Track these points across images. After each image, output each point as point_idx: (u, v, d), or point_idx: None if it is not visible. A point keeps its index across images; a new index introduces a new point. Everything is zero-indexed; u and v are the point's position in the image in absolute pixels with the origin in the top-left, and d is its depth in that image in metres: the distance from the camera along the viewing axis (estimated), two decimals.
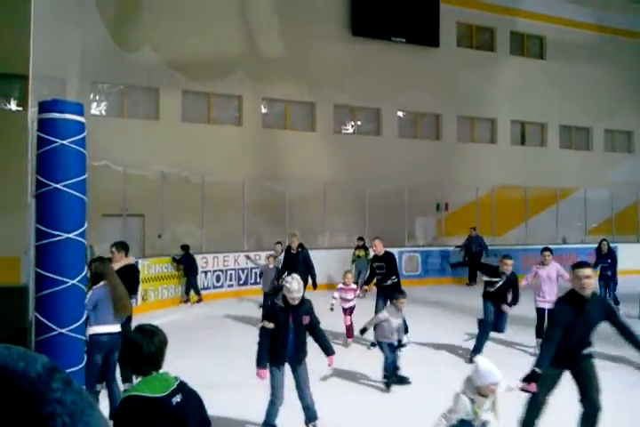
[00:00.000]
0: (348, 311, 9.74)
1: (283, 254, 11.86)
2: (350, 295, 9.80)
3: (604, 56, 24.53)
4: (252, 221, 16.28)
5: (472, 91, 22.19)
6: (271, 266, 11.56)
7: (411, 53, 21.52)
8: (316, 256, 16.35)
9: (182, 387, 2.64)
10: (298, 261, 10.74)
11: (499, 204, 19.47)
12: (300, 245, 11.14)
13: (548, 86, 23.44)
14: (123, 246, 7.18)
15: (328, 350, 5.68)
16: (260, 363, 5.41)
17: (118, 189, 13.98)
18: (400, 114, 22.49)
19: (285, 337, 5.40)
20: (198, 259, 14.24)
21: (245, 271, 15.22)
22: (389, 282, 9.41)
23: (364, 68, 20.59)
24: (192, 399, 2.64)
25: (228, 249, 15.15)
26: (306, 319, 5.53)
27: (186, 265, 13.83)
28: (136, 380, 2.67)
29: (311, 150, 19.74)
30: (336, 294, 9.70)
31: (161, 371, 2.64)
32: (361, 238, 16.09)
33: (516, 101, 23.07)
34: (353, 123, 22.08)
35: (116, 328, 5.56)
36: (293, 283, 5.40)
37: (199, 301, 13.75)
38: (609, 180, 23.20)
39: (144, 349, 2.58)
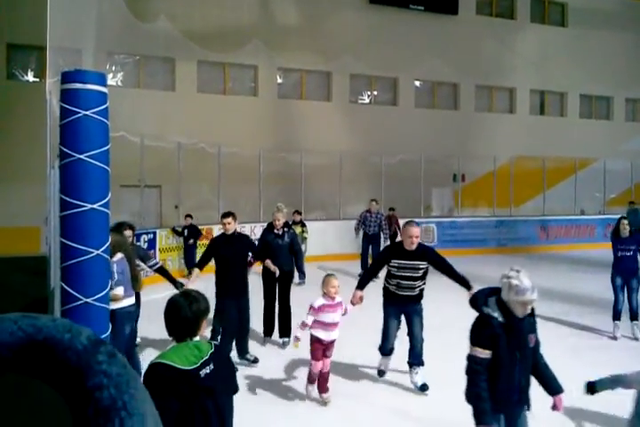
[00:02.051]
0: (328, 348, 5.60)
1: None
2: (333, 317, 5.53)
3: (626, 24, 23.89)
4: (268, 191, 16.31)
5: (491, 59, 21.80)
6: None
7: (429, 21, 21.12)
8: (330, 227, 16.56)
9: (216, 356, 2.63)
10: (281, 246, 7.89)
11: (516, 175, 19.30)
12: (286, 224, 8.25)
13: (569, 55, 22.95)
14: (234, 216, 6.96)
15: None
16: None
17: (135, 161, 14.05)
18: (417, 83, 22.21)
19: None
20: (215, 229, 14.34)
21: None
22: (417, 291, 6.00)
23: (381, 36, 20.27)
24: (223, 368, 2.64)
25: (245, 220, 15.23)
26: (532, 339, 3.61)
27: (190, 234, 13.19)
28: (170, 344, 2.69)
29: (327, 121, 19.61)
30: (310, 318, 5.51)
31: (196, 339, 2.65)
32: (298, 212, 13.34)
33: (536, 70, 22.63)
34: (369, 93, 21.85)
35: (134, 299, 5.68)
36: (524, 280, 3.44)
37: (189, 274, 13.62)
38: (629, 150, 22.84)
39: (181, 312, 2.60)
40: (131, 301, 5.54)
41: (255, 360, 6.74)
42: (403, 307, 5.97)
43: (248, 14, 18.60)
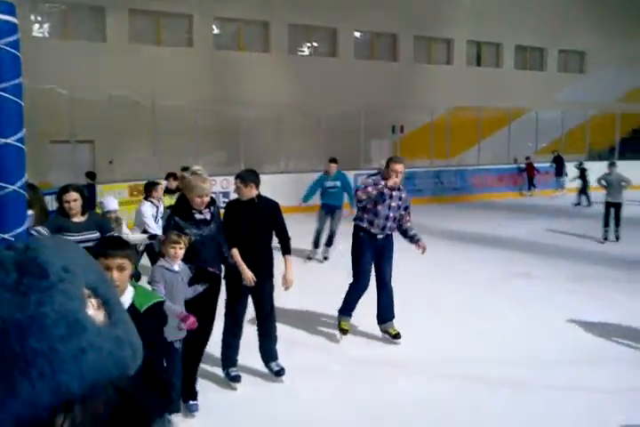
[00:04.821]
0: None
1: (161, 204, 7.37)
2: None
3: None
4: (207, 146, 16.13)
5: (429, 10, 21.75)
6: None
7: None
8: (271, 181, 16.52)
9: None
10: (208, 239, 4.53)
11: (453, 125, 19.63)
12: (212, 202, 4.54)
13: (505, 6, 23.09)
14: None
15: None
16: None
17: (65, 115, 13.62)
18: (357, 34, 22.02)
19: None
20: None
21: None
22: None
23: None
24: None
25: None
26: None
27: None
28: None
29: (266, 73, 19.33)
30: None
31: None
32: (173, 176, 8.58)
33: (473, 21, 22.74)
34: (309, 44, 21.57)
35: None
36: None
37: None
38: (561, 100, 23.47)
39: None
40: None
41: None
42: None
43: None
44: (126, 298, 2.65)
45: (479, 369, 5.08)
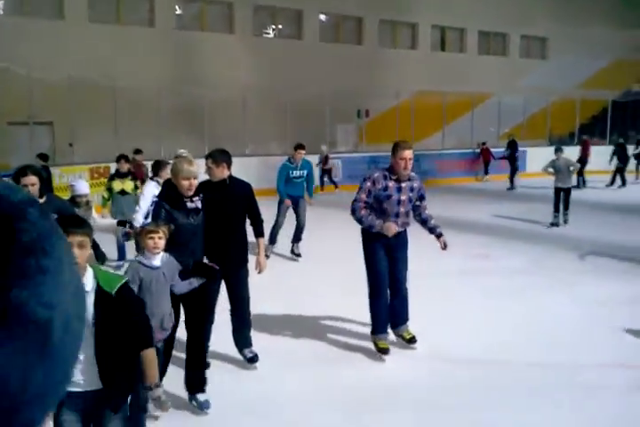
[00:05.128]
0: None
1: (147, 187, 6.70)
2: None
3: None
4: (170, 128, 15.86)
5: None
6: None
7: None
8: (235, 164, 16.32)
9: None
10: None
11: (418, 110, 19.72)
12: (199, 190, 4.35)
13: None
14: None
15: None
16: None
17: (23, 95, 13.24)
18: (322, 17, 21.87)
19: None
20: (114, 168, 13.91)
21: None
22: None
23: None
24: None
25: (145, 157, 14.80)
26: None
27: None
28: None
29: (230, 54, 19.07)
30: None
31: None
32: (125, 158, 8.48)
33: (438, 6, 22.80)
34: (274, 26, 21.34)
35: None
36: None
37: None
38: (523, 85, 23.79)
39: None
40: None
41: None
42: None
43: None
44: (88, 279, 2.61)
45: (446, 351, 5.18)
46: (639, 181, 18.74)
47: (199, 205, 4.18)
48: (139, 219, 5.95)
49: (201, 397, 4.12)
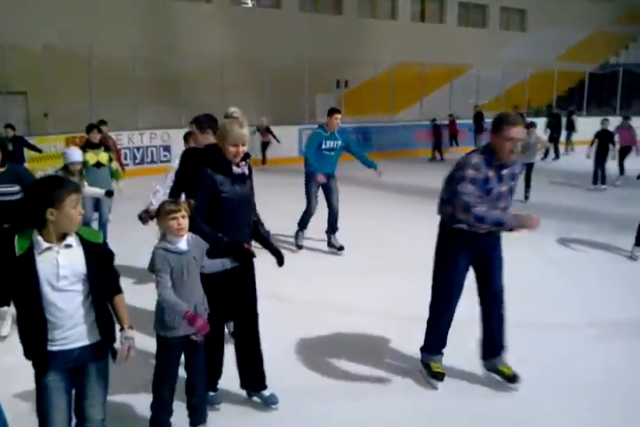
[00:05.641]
0: None
1: None
2: None
3: None
4: (146, 98, 15.70)
5: None
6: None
7: None
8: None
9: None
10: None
11: (397, 81, 19.69)
12: (247, 154, 3.63)
13: None
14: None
15: None
16: None
17: None
18: None
19: None
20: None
21: (141, 150, 14.97)
22: None
23: None
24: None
25: (122, 128, 14.67)
26: None
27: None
28: None
29: (207, 24, 18.82)
30: None
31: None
32: (96, 127, 7.98)
33: None
34: None
35: None
36: None
37: None
38: (501, 58, 23.82)
39: None
40: None
41: None
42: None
43: None
44: (72, 236, 2.61)
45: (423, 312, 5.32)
46: (568, 153, 18.41)
47: (246, 170, 3.55)
48: (159, 197, 5.21)
49: (266, 392, 3.73)
